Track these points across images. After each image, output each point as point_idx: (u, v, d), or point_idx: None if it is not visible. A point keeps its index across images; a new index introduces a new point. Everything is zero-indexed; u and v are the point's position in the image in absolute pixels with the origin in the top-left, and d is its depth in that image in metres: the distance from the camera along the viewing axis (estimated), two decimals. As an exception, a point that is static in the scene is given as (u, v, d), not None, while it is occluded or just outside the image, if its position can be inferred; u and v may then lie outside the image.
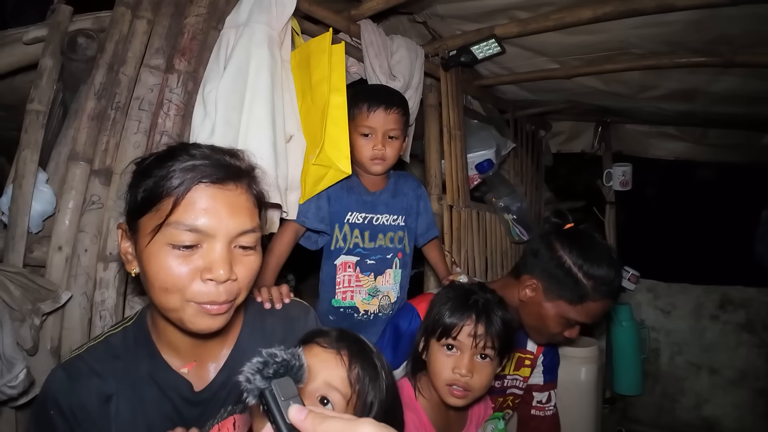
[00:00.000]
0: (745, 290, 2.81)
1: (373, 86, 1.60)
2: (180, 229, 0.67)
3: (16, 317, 0.98)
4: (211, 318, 0.71)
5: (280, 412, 0.44)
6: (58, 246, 1.08)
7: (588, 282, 1.17)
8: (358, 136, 1.40)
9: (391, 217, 1.52)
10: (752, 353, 2.76)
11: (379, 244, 1.50)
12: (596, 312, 1.21)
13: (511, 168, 2.66)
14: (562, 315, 1.21)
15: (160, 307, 0.72)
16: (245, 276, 0.73)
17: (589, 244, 1.22)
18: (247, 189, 0.74)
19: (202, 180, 0.68)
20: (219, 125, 1.11)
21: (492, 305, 1.09)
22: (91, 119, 1.11)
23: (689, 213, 3.92)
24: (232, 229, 0.69)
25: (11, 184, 1.07)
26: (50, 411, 0.73)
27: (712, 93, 2.10)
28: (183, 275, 0.67)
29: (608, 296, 1.20)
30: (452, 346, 1.06)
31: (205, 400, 0.81)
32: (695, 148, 2.90)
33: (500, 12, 1.81)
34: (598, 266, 1.17)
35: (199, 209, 0.67)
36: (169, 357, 0.80)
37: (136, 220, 0.71)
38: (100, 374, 0.76)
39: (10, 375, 0.95)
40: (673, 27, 1.68)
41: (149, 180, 0.69)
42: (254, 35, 1.15)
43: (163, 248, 0.67)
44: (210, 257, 0.68)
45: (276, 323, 0.92)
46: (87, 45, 1.14)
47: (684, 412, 2.92)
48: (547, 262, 1.22)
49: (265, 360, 0.47)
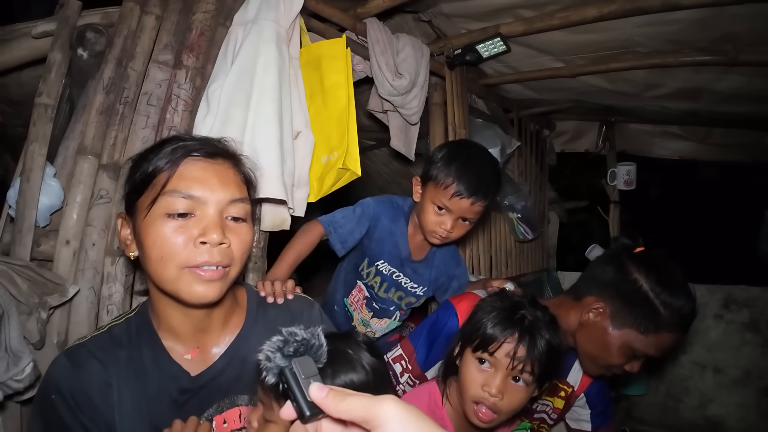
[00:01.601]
0: (749, 289, 2.80)
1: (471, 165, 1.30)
2: (175, 197, 0.71)
3: (23, 310, 0.98)
4: (205, 284, 0.72)
5: (301, 390, 0.44)
6: (65, 240, 1.08)
7: (665, 311, 1.05)
8: (432, 204, 1.31)
9: (412, 283, 1.50)
10: (756, 352, 2.75)
11: (389, 297, 1.52)
12: (666, 345, 1.09)
13: (515, 167, 2.66)
14: (628, 345, 1.08)
15: (157, 280, 0.73)
16: (238, 245, 0.75)
17: (667, 271, 1.11)
18: (234, 165, 0.79)
19: (192, 153, 0.74)
20: (219, 121, 1.11)
21: (540, 325, 0.97)
22: (100, 114, 1.12)
23: (693, 212, 3.91)
24: (223, 197, 0.74)
25: (19, 177, 1.07)
26: (52, 396, 0.74)
27: (717, 92, 2.10)
28: (178, 242, 0.71)
29: (683, 329, 1.09)
30: (486, 361, 0.97)
31: (204, 385, 0.81)
32: (699, 147, 2.89)
33: (505, 11, 1.81)
34: (677, 295, 1.06)
35: (191, 178, 0.72)
36: (171, 344, 0.81)
37: (135, 203, 0.75)
38: (103, 361, 0.77)
39: (17, 368, 0.95)
40: (678, 25, 1.68)
41: (144, 164, 0.74)
42: (263, 32, 1.15)
43: (159, 219, 0.71)
44: (203, 223, 0.72)
45: (279, 315, 0.93)
46: (95, 40, 1.14)
47: (688, 412, 2.90)
48: (620, 286, 1.10)
49: (285, 338, 0.47)
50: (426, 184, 1.33)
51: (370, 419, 0.39)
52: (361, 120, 1.89)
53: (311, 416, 0.43)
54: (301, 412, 0.44)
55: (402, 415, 0.39)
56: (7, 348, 0.94)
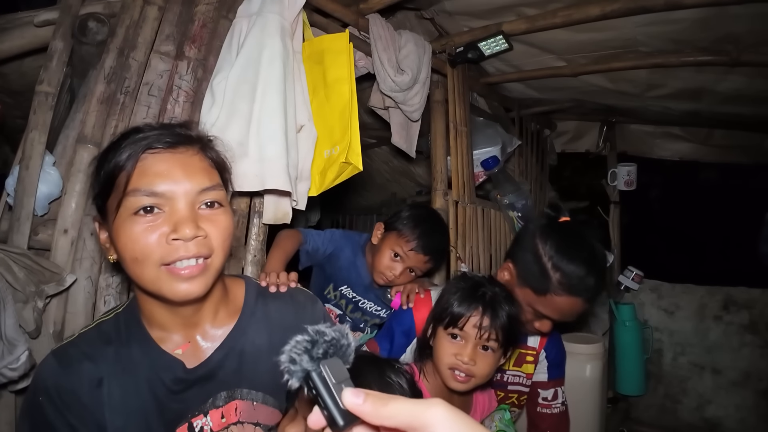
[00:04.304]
0: (749, 291, 2.79)
1: (433, 231, 1.56)
2: (138, 195, 0.68)
3: (20, 298, 0.97)
4: (187, 282, 0.70)
5: (333, 396, 0.39)
6: (63, 229, 1.07)
7: (554, 274, 1.14)
8: (389, 250, 1.51)
9: (376, 307, 1.70)
10: (755, 354, 2.73)
11: (357, 317, 1.71)
12: (562, 308, 1.16)
13: (515, 167, 2.66)
14: (529, 303, 1.20)
15: (138, 282, 0.71)
16: (217, 234, 0.72)
17: (569, 239, 1.19)
18: (200, 151, 0.75)
19: (149, 147, 0.70)
20: (225, 112, 1.11)
21: (500, 299, 1.10)
22: (101, 103, 1.11)
23: (693, 213, 3.91)
24: (190, 189, 0.70)
25: (18, 165, 1.07)
26: (39, 397, 0.73)
27: (718, 92, 2.10)
28: (151, 241, 0.68)
29: (575, 294, 1.14)
30: (457, 335, 1.09)
31: (200, 378, 0.79)
32: (700, 148, 2.89)
33: (508, 8, 1.81)
34: (568, 260, 1.14)
35: (152, 174, 0.69)
36: (161, 339, 0.79)
37: (104, 206, 0.72)
38: (92, 358, 0.76)
39: (12, 357, 0.94)
40: (680, 25, 1.68)
41: (105, 164, 0.71)
42: (267, 25, 1.15)
43: (128, 219, 0.68)
44: (173, 218, 0.69)
45: (282, 308, 0.90)
46: (97, 29, 1.13)
47: (686, 413, 2.89)
48: (524, 250, 1.22)
49: (313, 338, 0.42)
50: (389, 232, 1.54)
51: (417, 425, 0.37)
52: (362, 117, 1.89)
53: (345, 425, 0.39)
54: (333, 421, 0.39)
55: (451, 418, 0.37)
56: (2, 336, 0.93)
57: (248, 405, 0.83)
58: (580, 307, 1.17)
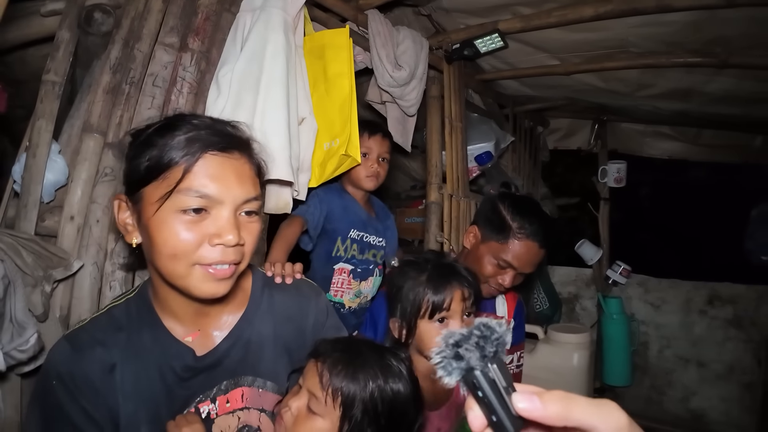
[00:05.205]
0: (733, 286, 2.88)
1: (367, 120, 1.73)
2: (190, 195, 0.68)
3: (28, 282, 0.99)
4: (216, 283, 0.71)
5: (503, 401, 0.36)
6: (70, 216, 1.09)
7: (513, 223, 1.35)
8: None
9: (378, 238, 1.80)
10: (739, 348, 2.82)
11: (366, 258, 1.77)
12: (522, 253, 1.36)
13: (509, 162, 2.70)
14: (492, 254, 1.37)
15: (166, 274, 0.72)
16: (251, 242, 0.75)
17: (522, 199, 1.48)
18: (249, 159, 0.76)
19: (209, 148, 0.70)
20: (231, 104, 1.14)
21: (454, 262, 1.15)
22: (106, 93, 1.13)
23: (681, 211, 4.02)
24: (239, 196, 0.71)
25: (24, 153, 1.09)
26: (53, 381, 0.73)
27: (707, 93, 2.16)
28: (192, 241, 0.68)
29: (531, 238, 1.35)
30: (444, 318, 1.08)
31: (208, 366, 0.81)
32: (689, 147, 2.97)
33: (504, 7, 1.84)
34: (522, 211, 1.37)
35: (208, 176, 0.69)
36: (171, 326, 0.80)
37: (139, 190, 0.71)
38: (104, 344, 0.76)
39: (21, 339, 0.96)
40: (671, 27, 1.73)
41: (153, 150, 0.69)
42: (271, 19, 1.18)
43: (171, 215, 0.68)
44: (219, 223, 0.69)
45: (287, 299, 0.92)
46: (102, 20, 1.15)
47: (672, 404, 2.98)
48: (486, 212, 1.44)
49: (483, 334, 0.37)
50: None
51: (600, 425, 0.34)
52: (359, 111, 1.91)
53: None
54: (501, 427, 0.36)
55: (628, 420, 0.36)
56: (13, 318, 0.95)
57: (254, 392, 0.85)
58: (536, 252, 1.38)
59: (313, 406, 0.78)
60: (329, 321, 0.97)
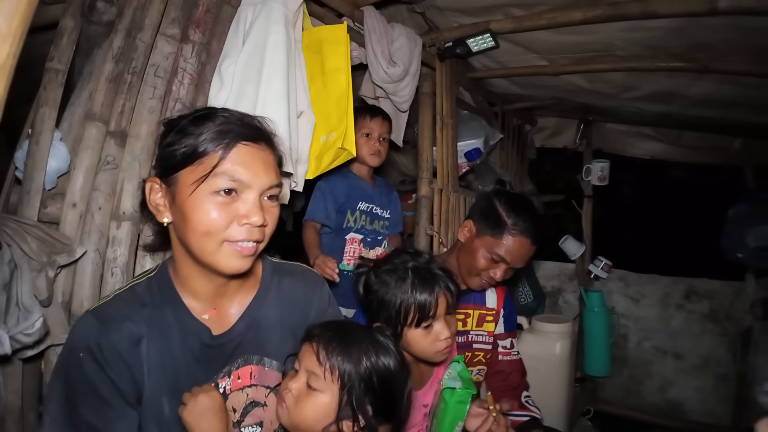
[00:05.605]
0: (709, 282, 3.00)
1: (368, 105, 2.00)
2: (225, 179, 0.76)
3: (34, 267, 1.01)
4: (242, 259, 0.79)
5: None
6: (72, 203, 1.11)
7: (508, 219, 1.40)
8: (361, 136, 1.82)
9: (383, 210, 1.98)
10: (715, 341, 2.95)
11: (374, 228, 1.95)
12: (515, 249, 1.40)
13: (497, 159, 2.77)
14: (487, 248, 1.42)
15: (196, 251, 0.78)
16: (272, 223, 0.83)
17: (517, 197, 1.52)
18: (273, 150, 0.85)
19: (242, 139, 0.78)
20: (233, 96, 1.16)
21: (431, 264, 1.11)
22: (109, 81, 1.15)
23: (661, 209, 4.15)
24: (265, 182, 0.80)
25: (27, 140, 1.10)
26: (80, 354, 0.77)
27: (688, 96, 2.24)
28: (223, 220, 0.76)
29: (525, 234, 1.40)
30: (430, 324, 1.07)
31: (223, 344, 0.88)
32: (671, 148, 3.06)
33: (496, 8, 1.89)
34: (517, 209, 1.42)
35: (240, 163, 0.77)
36: (191, 304, 0.86)
37: (174, 174, 0.78)
38: (131, 318, 0.81)
39: (27, 323, 0.98)
40: (655, 32, 1.79)
41: (190, 138, 0.77)
42: (272, 14, 1.20)
43: (205, 197, 0.76)
44: (246, 206, 0.78)
45: (294, 286, 0.99)
46: (105, 9, 1.17)
47: (650, 394, 3.10)
48: (482, 208, 1.48)
49: None
50: None
51: None
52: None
53: None
54: None
55: None
56: (19, 302, 0.97)
57: (261, 370, 0.92)
58: (528, 249, 1.43)
59: (312, 383, 0.84)
60: (330, 310, 1.04)
